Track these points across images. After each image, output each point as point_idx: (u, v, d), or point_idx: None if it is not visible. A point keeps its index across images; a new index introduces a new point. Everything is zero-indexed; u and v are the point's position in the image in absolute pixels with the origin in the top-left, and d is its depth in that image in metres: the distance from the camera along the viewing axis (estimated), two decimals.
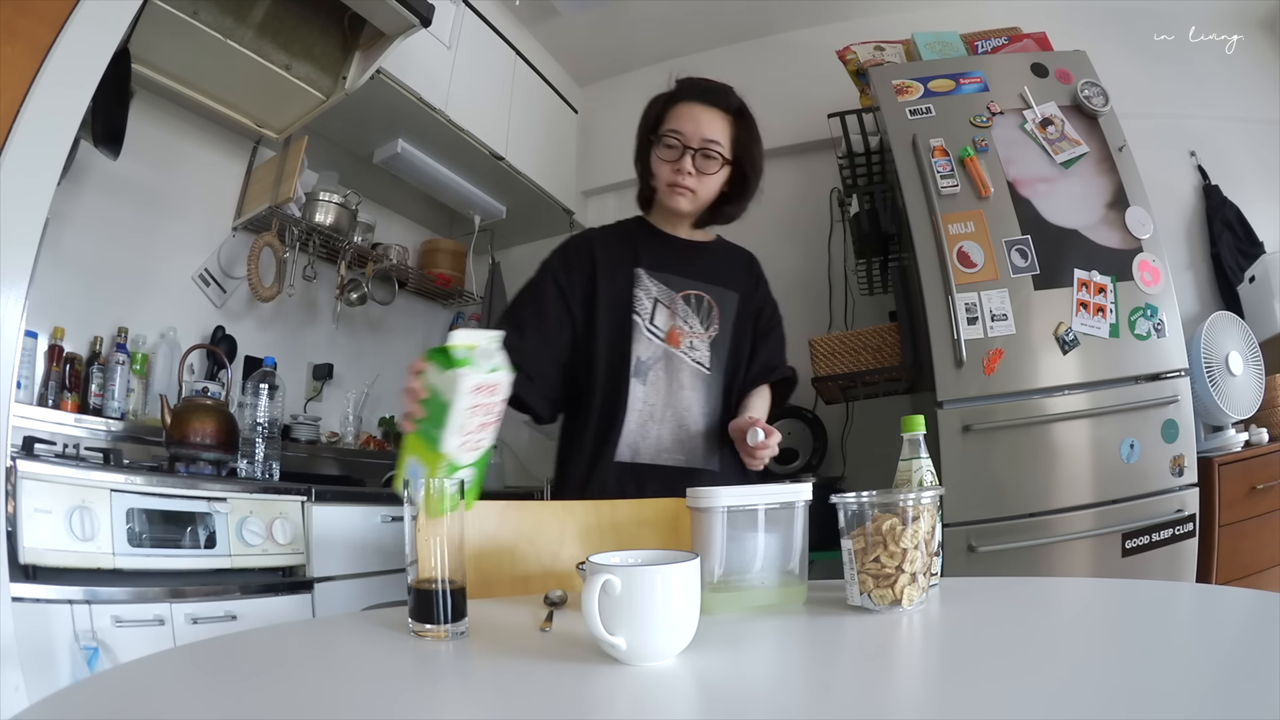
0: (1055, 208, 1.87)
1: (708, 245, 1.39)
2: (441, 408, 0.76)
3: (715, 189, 1.29)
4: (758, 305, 1.38)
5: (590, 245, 1.34)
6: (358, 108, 2.21)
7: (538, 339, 1.24)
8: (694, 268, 1.33)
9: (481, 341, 0.78)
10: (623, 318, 1.27)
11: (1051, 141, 1.91)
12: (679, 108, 1.27)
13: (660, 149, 1.27)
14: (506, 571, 0.98)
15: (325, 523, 1.77)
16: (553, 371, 1.26)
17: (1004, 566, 1.67)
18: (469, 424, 0.76)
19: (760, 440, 1.11)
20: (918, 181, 1.90)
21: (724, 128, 1.26)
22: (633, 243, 1.33)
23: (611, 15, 2.82)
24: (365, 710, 0.46)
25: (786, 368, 1.38)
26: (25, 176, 1.22)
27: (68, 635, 1.28)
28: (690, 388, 1.27)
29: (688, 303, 1.29)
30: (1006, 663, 0.53)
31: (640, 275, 1.29)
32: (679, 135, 1.24)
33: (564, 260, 1.32)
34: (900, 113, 1.98)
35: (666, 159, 1.26)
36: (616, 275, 1.29)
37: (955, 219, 1.85)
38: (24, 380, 1.66)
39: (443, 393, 0.76)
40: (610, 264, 1.30)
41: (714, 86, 1.29)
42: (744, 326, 1.34)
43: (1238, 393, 1.93)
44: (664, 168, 1.27)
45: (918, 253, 1.86)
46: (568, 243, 1.38)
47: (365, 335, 2.77)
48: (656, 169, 1.28)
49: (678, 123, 1.25)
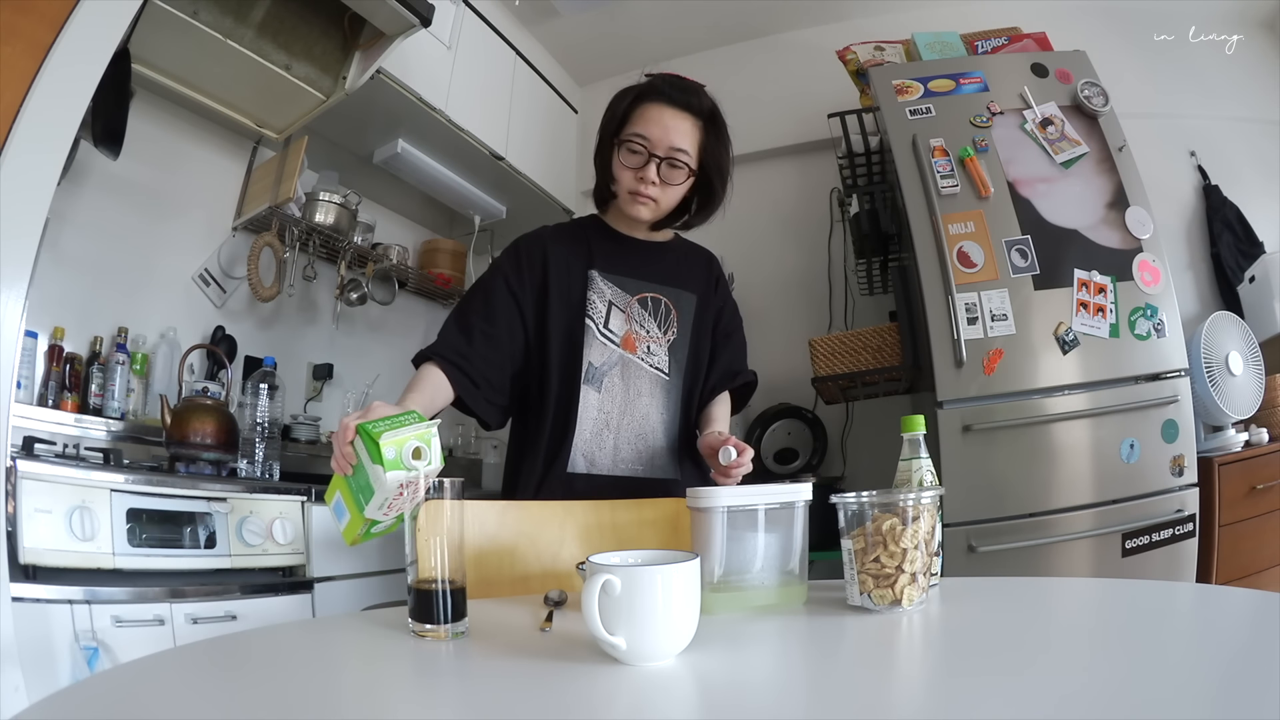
0: (1055, 208, 1.87)
1: (665, 245, 1.34)
2: (367, 483, 0.76)
3: (678, 198, 1.23)
4: (717, 307, 1.33)
5: (543, 245, 1.27)
6: (358, 108, 2.21)
7: (486, 344, 1.17)
8: (650, 269, 1.28)
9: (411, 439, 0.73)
10: (575, 321, 1.22)
11: (1051, 141, 1.91)
12: (647, 109, 1.18)
13: (624, 154, 1.19)
14: (506, 571, 0.98)
15: (325, 523, 1.77)
16: (500, 378, 1.19)
17: (1004, 566, 1.67)
18: (391, 499, 0.75)
19: (734, 459, 1.05)
20: (918, 181, 1.90)
21: (692, 134, 1.19)
22: (586, 243, 1.28)
23: (611, 15, 2.82)
24: (365, 710, 0.46)
25: (749, 372, 1.35)
26: (25, 176, 1.22)
27: (68, 635, 1.27)
28: (649, 394, 1.23)
29: (644, 306, 1.25)
30: (1006, 663, 0.53)
31: (594, 277, 1.23)
32: (645, 141, 1.17)
33: (515, 261, 1.26)
34: (900, 113, 1.98)
35: (630, 165, 1.19)
36: (569, 277, 1.24)
37: (955, 219, 1.86)
38: (24, 380, 1.66)
39: (369, 475, 0.75)
40: (563, 265, 1.25)
41: (685, 85, 1.21)
42: (703, 329, 1.30)
43: (1238, 393, 1.93)
44: (626, 174, 1.20)
45: (918, 253, 1.86)
46: (519, 242, 1.30)
47: (365, 335, 2.76)
48: (619, 174, 1.21)
49: (644, 126, 1.17)
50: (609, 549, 0.62)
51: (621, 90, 1.24)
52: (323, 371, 2.52)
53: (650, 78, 1.22)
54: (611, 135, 1.22)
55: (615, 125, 1.21)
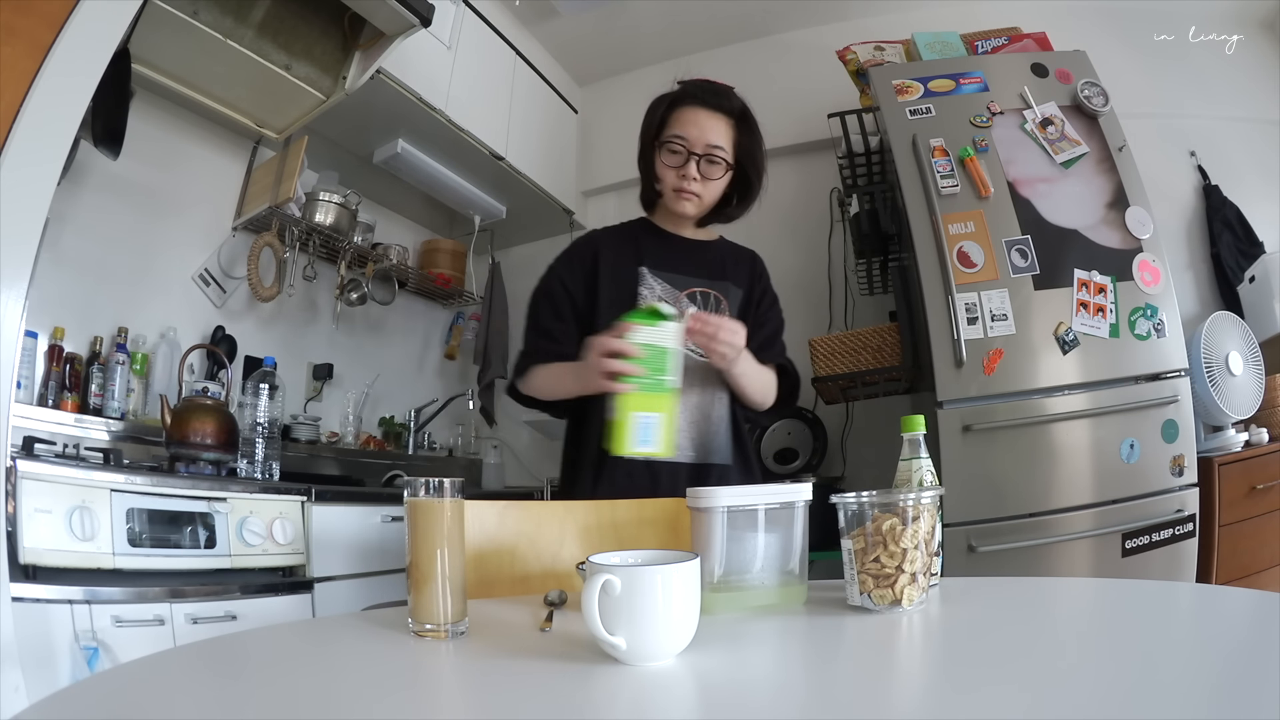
0: (1055, 208, 1.86)
1: (711, 244, 1.41)
2: (661, 354, 1.00)
3: (719, 192, 1.31)
4: (757, 298, 1.40)
5: (594, 245, 1.36)
6: (358, 108, 2.21)
7: (565, 334, 1.28)
8: (699, 265, 1.34)
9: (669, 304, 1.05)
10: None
11: (1051, 141, 1.91)
12: (683, 112, 1.28)
13: (665, 154, 1.28)
14: (506, 571, 0.98)
15: (325, 523, 1.77)
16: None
17: (1004, 566, 1.67)
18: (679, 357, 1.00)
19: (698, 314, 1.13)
20: (917, 181, 1.90)
21: (727, 132, 1.28)
22: (636, 241, 1.35)
23: (611, 15, 2.82)
24: (365, 710, 0.46)
25: (782, 358, 1.38)
26: (25, 176, 1.22)
27: (68, 635, 1.28)
28: (700, 384, 1.27)
29: (693, 300, 1.30)
30: (1006, 663, 0.53)
31: (644, 273, 1.30)
32: (683, 141, 1.26)
33: (568, 262, 1.35)
34: (900, 113, 1.98)
35: (671, 164, 1.28)
36: (620, 274, 1.30)
37: (955, 219, 1.85)
38: (24, 380, 1.66)
39: (659, 343, 1.01)
40: (614, 263, 1.32)
41: (717, 89, 1.30)
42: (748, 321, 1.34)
43: (1238, 393, 1.93)
44: (669, 173, 1.28)
45: (918, 252, 1.86)
46: (572, 244, 1.41)
47: (365, 335, 2.77)
48: (661, 174, 1.30)
49: (681, 128, 1.26)
50: (609, 549, 0.62)
51: (657, 98, 1.33)
52: (323, 371, 2.52)
53: (682, 84, 1.32)
54: (652, 140, 1.31)
55: (654, 130, 1.31)
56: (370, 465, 2.52)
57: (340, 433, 2.56)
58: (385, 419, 2.74)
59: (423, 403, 2.83)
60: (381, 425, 2.73)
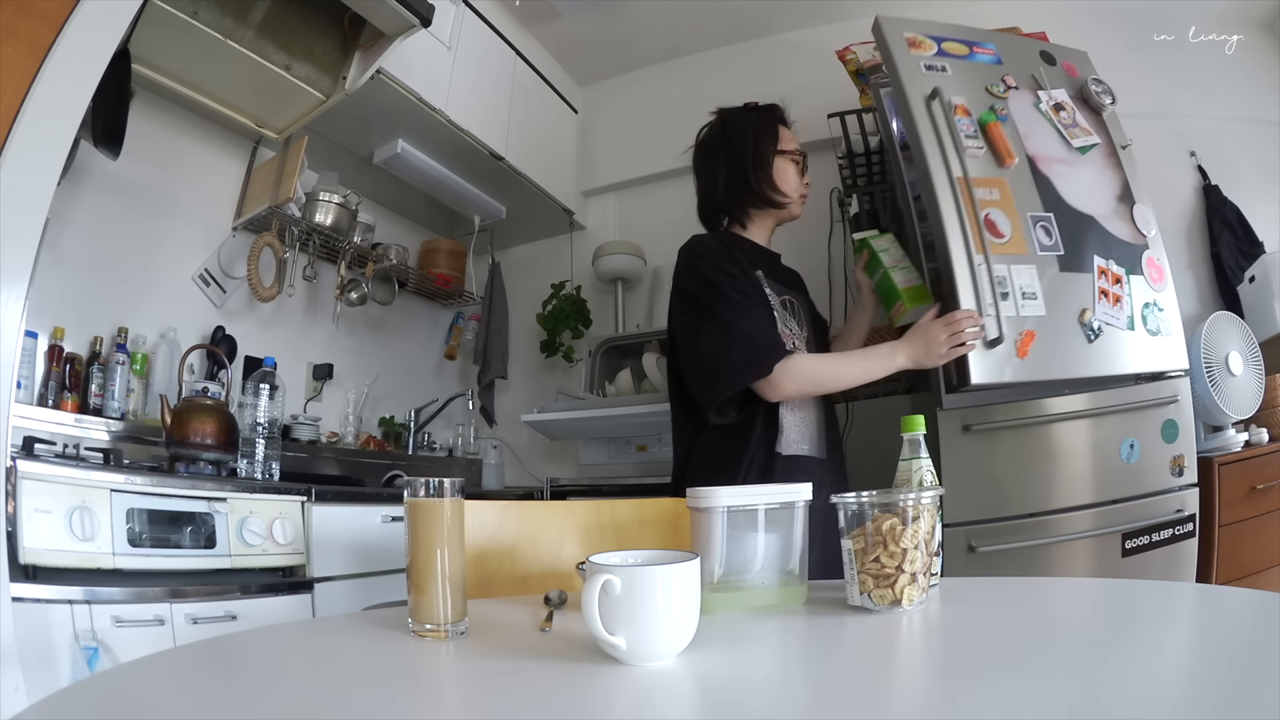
0: (1074, 190, 1.73)
1: (781, 257, 1.54)
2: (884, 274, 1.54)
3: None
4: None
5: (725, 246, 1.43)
6: (358, 108, 2.21)
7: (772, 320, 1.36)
8: (784, 276, 1.49)
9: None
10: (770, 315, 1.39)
11: (1066, 126, 1.82)
12: (783, 130, 1.50)
13: (787, 163, 1.47)
14: (506, 571, 0.98)
15: (325, 523, 1.77)
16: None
17: (1004, 566, 1.67)
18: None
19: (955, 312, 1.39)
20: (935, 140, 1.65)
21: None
22: (743, 252, 1.42)
23: (611, 15, 2.82)
24: (365, 710, 0.46)
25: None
26: (25, 176, 1.22)
27: (68, 635, 1.27)
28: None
29: (785, 308, 1.41)
30: (1006, 663, 0.53)
31: (761, 279, 1.40)
32: (799, 155, 1.49)
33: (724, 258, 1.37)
34: (914, 65, 1.74)
35: (796, 174, 1.49)
36: (752, 277, 1.39)
37: (980, 184, 1.64)
38: (24, 380, 1.66)
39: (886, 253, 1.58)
40: (745, 265, 1.40)
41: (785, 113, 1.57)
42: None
43: (1238, 393, 1.93)
44: (795, 181, 1.48)
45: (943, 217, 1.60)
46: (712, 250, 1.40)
47: (365, 335, 2.77)
48: (786, 181, 1.46)
49: (791, 144, 1.49)
50: (609, 549, 0.62)
51: (750, 116, 1.50)
52: (323, 371, 2.52)
53: (761, 107, 1.53)
54: (770, 153, 1.46)
55: (771, 144, 1.46)
56: (370, 465, 2.52)
57: (340, 433, 2.56)
58: (385, 419, 2.74)
59: (423, 403, 2.83)
60: (381, 425, 2.73)
